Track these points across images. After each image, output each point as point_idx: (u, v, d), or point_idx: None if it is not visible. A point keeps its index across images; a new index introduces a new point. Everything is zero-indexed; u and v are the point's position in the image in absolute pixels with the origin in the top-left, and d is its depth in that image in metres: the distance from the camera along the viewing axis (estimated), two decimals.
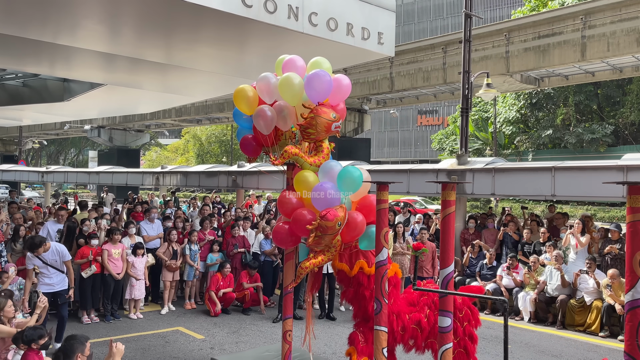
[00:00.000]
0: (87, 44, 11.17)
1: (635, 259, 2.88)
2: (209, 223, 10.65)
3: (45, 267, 7.32)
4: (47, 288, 7.26)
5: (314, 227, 4.58)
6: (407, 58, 22.33)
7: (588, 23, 17.25)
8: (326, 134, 4.95)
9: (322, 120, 4.80)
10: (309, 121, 4.83)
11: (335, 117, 4.88)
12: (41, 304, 6.12)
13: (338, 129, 4.93)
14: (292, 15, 9.38)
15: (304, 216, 4.81)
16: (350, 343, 5.02)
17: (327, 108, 4.90)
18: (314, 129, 4.84)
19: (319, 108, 4.86)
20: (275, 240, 5.36)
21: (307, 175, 4.96)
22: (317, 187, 4.78)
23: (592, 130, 30.66)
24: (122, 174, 21.45)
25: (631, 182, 2.90)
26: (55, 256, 7.42)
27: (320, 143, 5.03)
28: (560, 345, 8.08)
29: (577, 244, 9.57)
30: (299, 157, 4.93)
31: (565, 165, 9.82)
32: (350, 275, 4.96)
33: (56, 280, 7.46)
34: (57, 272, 7.43)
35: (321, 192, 4.72)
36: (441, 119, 62.42)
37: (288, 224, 5.06)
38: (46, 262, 7.31)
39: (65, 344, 4.07)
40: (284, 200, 5.10)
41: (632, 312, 2.90)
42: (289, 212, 5.02)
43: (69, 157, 73.00)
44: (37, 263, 7.21)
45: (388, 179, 12.16)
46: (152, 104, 23.28)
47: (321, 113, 4.82)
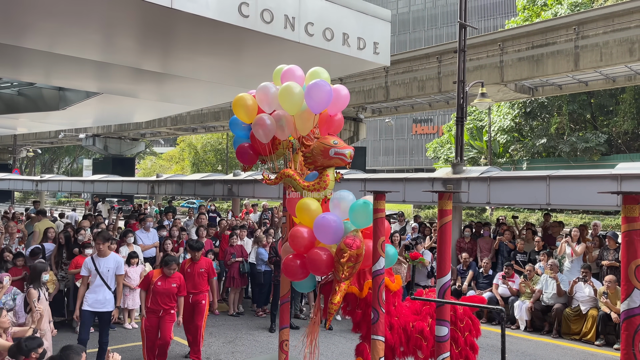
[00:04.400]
0: (83, 53, 11.18)
1: (631, 268, 2.90)
2: (204, 230, 10.65)
3: (95, 276, 6.54)
4: (87, 305, 6.48)
5: (347, 259, 4.47)
6: (402, 67, 22.46)
7: (581, 33, 17.43)
8: (324, 160, 4.76)
9: (318, 144, 4.71)
10: (309, 148, 4.77)
11: (337, 144, 4.72)
12: (36, 314, 6.09)
13: (341, 157, 4.69)
14: (289, 25, 9.43)
15: (319, 256, 4.68)
16: (358, 354, 5.00)
17: (330, 135, 4.83)
18: (310, 153, 4.79)
19: (323, 137, 4.81)
20: (286, 274, 5.13)
21: (310, 203, 4.81)
22: (320, 220, 4.64)
23: (585, 139, 30.86)
24: (117, 183, 21.39)
25: (626, 192, 2.93)
26: (110, 264, 6.66)
27: (323, 171, 4.85)
28: (556, 354, 8.09)
29: (572, 252, 9.62)
30: (292, 180, 4.85)
31: (560, 174, 9.88)
32: (360, 297, 4.86)
33: (102, 296, 6.59)
34: (104, 287, 6.59)
35: (324, 226, 4.61)
36: (436, 127, 62.72)
37: (299, 258, 4.90)
38: (98, 270, 6.56)
39: (62, 354, 4.04)
40: (297, 234, 4.86)
41: (628, 321, 2.91)
42: (301, 249, 4.88)
43: (63, 166, 72.71)
44: (91, 268, 6.51)
45: (384, 188, 12.20)
46: (148, 112, 23.28)
47: (322, 138, 4.75)
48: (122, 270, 6.96)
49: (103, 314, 6.64)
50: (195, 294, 7.16)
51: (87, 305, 6.54)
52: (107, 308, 6.63)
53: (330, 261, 4.67)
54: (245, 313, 10.19)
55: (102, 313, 6.63)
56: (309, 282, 5.22)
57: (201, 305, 7.18)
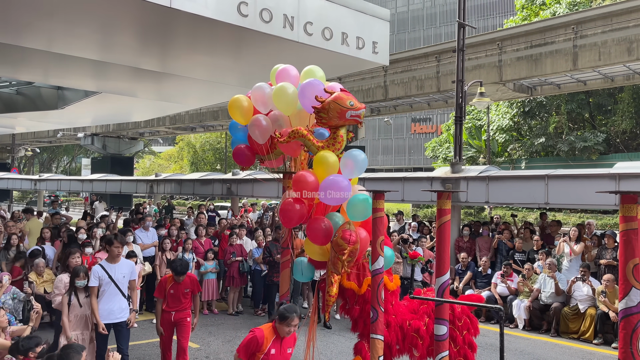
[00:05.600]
0: (82, 52, 11.18)
1: (629, 267, 2.92)
2: (203, 230, 10.65)
3: (109, 284, 5.93)
4: (101, 318, 5.82)
5: (347, 255, 4.48)
6: (401, 66, 22.46)
7: (579, 33, 17.44)
8: (339, 121, 4.75)
9: (335, 105, 4.65)
10: (324, 105, 4.70)
11: (353, 105, 4.70)
12: (35, 314, 6.10)
13: (356, 118, 4.71)
14: (288, 25, 9.44)
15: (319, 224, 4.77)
16: (357, 353, 5.02)
17: (344, 94, 4.74)
18: (325, 113, 4.70)
19: (338, 94, 4.72)
20: (282, 219, 4.98)
21: (328, 156, 4.74)
22: (333, 177, 4.61)
23: (584, 138, 30.88)
24: (115, 182, 21.36)
25: (624, 191, 2.94)
26: (124, 270, 6.09)
27: (336, 130, 4.83)
28: (555, 353, 8.11)
29: (570, 251, 9.64)
30: (306, 139, 4.77)
31: (559, 173, 9.90)
32: (359, 293, 4.91)
33: (117, 306, 6.01)
34: (119, 296, 6.03)
35: (336, 182, 4.59)
36: (435, 126, 62.72)
37: (298, 202, 4.84)
38: (112, 277, 5.95)
39: (62, 353, 4.05)
40: (302, 179, 4.81)
41: (626, 320, 2.93)
42: (302, 194, 4.84)
43: (62, 165, 72.59)
44: (103, 277, 5.88)
45: (383, 187, 12.21)
46: (147, 111, 23.28)
47: (336, 99, 4.68)
48: (136, 274, 6.51)
49: (119, 324, 6.08)
50: (179, 312, 6.34)
51: (101, 318, 5.90)
52: (124, 317, 6.10)
53: (329, 232, 4.70)
54: (245, 312, 10.21)
55: (118, 323, 6.07)
56: (307, 272, 5.23)
57: (186, 323, 6.40)
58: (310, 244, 4.89)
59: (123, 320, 6.08)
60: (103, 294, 5.93)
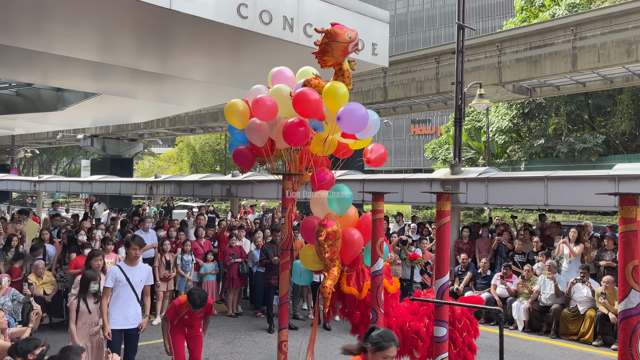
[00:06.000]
0: (82, 53, 11.18)
1: (628, 269, 2.91)
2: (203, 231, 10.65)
3: (126, 288, 5.61)
4: (114, 324, 5.52)
5: (325, 237, 4.51)
6: (400, 68, 22.47)
7: (579, 34, 17.46)
8: (342, 56, 4.72)
9: (337, 45, 4.60)
10: (324, 47, 4.62)
11: (351, 37, 4.63)
12: (34, 315, 6.09)
13: (356, 47, 4.69)
14: (287, 27, 9.45)
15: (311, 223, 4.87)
16: None
17: (339, 29, 4.66)
18: (330, 55, 4.64)
19: (332, 31, 4.63)
20: (285, 136, 4.93)
21: (339, 87, 4.70)
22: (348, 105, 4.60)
23: (583, 139, 30.89)
24: (115, 183, 21.36)
25: (623, 193, 2.95)
26: (142, 274, 5.81)
27: (340, 66, 4.81)
28: (554, 354, 8.11)
29: (570, 253, 9.64)
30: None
31: (558, 175, 9.91)
32: (359, 298, 4.89)
33: (133, 312, 5.73)
34: (134, 301, 5.76)
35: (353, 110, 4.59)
36: (434, 128, 62.73)
37: (301, 125, 4.87)
38: (130, 281, 5.66)
39: (61, 355, 4.05)
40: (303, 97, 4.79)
41: (625, 322, 2.93)
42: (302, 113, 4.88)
43: (61, 166, 72.56)
44: (120, 278, 5.59)
45: (382, 188, 12.21)
46: (146, 113, 23.27)
47: (335, 37, 4.59)
48: (152, 279, 6.24)
49: (131, 330, 5.78)
50: (190, 329, 6.06)
51: (114, 324, 5.60)
52: (136, 324, 5.83)
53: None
54: (244, 314, 10.20)
55: (130, 330, 5.77)
56: (306, 275, 5.24)
57: (198, 334, 6.15)
58: (306, 254, 4.94)
59: (135, 327, 5.80)
60: (118, 297, 5.65)
